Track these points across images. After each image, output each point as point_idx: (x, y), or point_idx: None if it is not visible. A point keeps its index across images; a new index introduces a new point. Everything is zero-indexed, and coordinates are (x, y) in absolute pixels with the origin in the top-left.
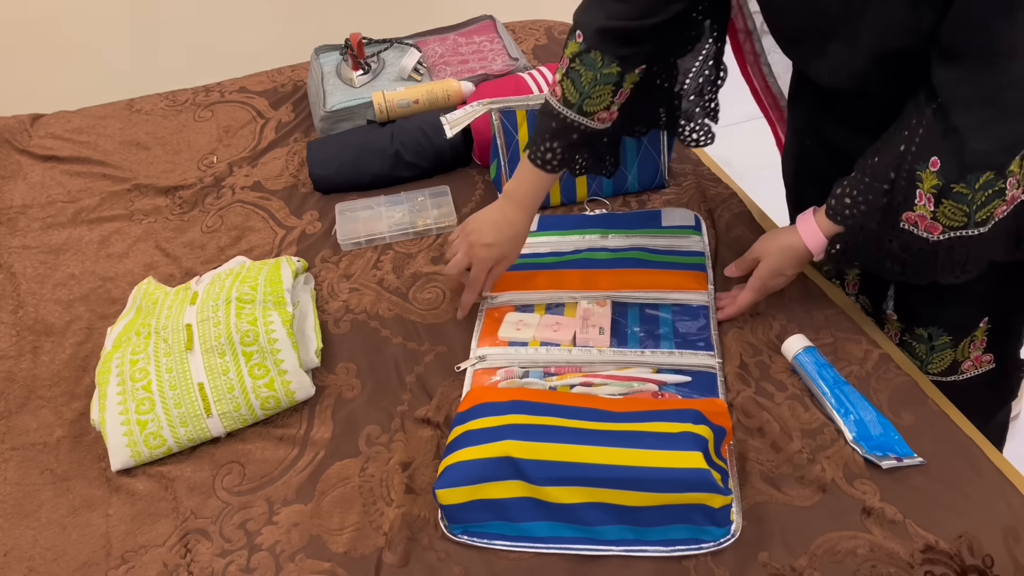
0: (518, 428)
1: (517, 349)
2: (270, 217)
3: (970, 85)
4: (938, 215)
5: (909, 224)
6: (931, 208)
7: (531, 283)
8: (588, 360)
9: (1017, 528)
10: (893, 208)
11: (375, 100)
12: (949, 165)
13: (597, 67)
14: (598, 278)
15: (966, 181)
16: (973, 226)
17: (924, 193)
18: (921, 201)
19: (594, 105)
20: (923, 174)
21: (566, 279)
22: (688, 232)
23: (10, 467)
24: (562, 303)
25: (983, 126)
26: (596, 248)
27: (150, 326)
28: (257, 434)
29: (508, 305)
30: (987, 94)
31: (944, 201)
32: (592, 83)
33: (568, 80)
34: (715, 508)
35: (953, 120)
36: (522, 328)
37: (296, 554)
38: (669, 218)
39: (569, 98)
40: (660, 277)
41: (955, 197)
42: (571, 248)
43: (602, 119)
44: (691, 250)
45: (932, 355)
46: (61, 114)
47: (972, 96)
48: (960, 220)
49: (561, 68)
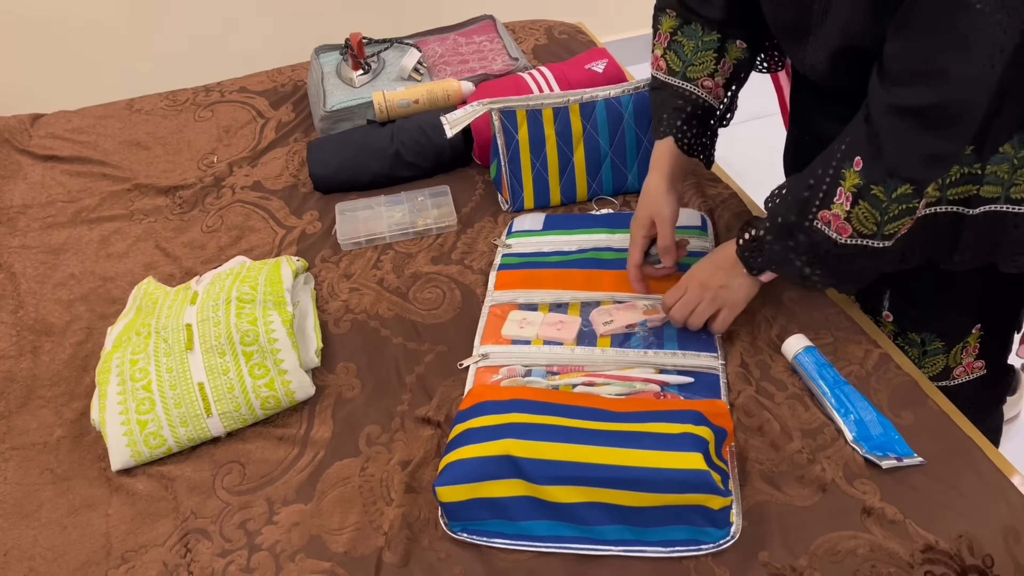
0: (519, 427)
1: (520, 347)
2: (270, 217)
3: (893, 94)
4: (851, 216)
5: (822, 223)
6: (847, 207)
7: (535, 282)
8: (591, 359)
9: (1017, 528)
10: (812, 203)
11: (375, 100)
12: (871, 166)
13: (698, 35)
14: (602, 279)
15: (884, 184)
16: (879, 238)
17: (844, 191)
18: (840, 199)
19: (696, 72)
20: (847, 172)
21: (570, 279)
22: (694, 232)
23: (10, 467)
24: (565, 302)
25: (905, 136)
26: (601, 248)
27: (150, 326)
28: (257, 434)
29: (512, 303)
30: (913, 107)
31: (860, 202)
32: (694, 51)
33: (671, 52)
34: (714, 509)
35: (875, 125)
36: (525, 326)
37: (296, 554)
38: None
39: (673, 67)
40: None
41: (871, 200)
42: (576, 247)
43: (707, 87)
44: (698, 250)
45: (924, 360)
46: (61, 114)
47: (896, 105)
48: (870, 228)
49: (660, 43)
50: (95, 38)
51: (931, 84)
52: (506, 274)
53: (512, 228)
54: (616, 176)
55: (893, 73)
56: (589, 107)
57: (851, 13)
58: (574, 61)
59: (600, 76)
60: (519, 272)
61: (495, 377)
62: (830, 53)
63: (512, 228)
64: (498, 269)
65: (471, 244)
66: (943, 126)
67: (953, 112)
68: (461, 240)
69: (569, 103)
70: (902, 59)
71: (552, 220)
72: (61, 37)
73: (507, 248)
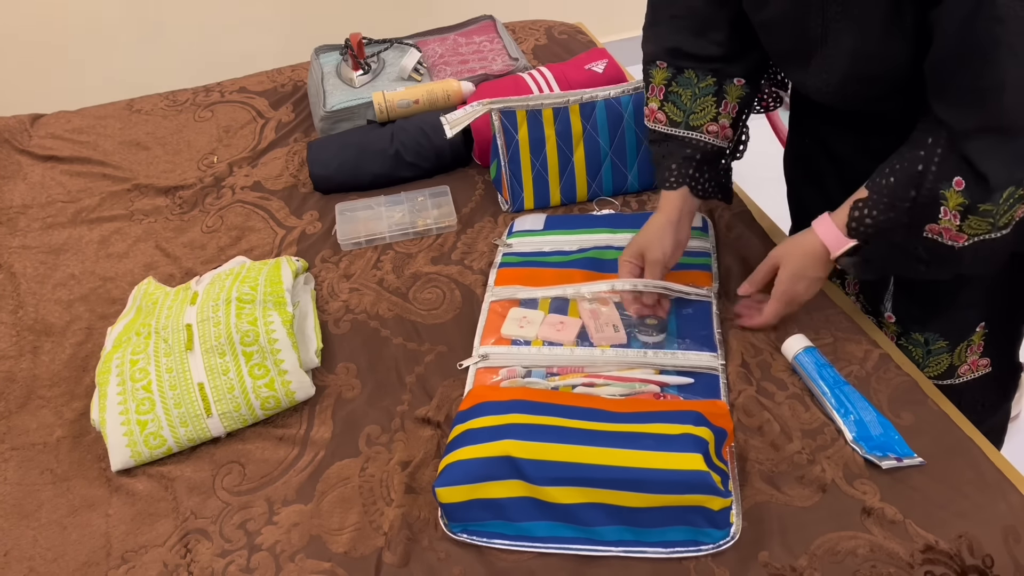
0: (518, 427)
1: (520, 348)
2: (270, 217)
3: (966, 118)
4: (964, 227)
5: (933, 234)
6: (957, 223)
7: (536, 279)
8: (591, 359)
9: (1017, 528)
10: (916, 223)
11: (375, 100)
12: (975, 189)
13: (694, 83)
14: (602, 278)
15: (992, 200)
16: (996, 230)
17: (949, 210)
18: (946, 216)
19: (699, 119)
20: (947, 193)
21: (571, 278)
22: (695, 233)
23: (10, 467)
24: (566, 299)
25: (991, 151)
26: (602, 247)
27: (150, 326)
28: (257, 434)
29: (512, 299)
30: (984, 124)
31: (970, 217)
32: (692, 98)
33: (670, 103)
34: (714, 510)
35: (962, 148)
36: (525, 325)
37: (296, 554)
38: None
39: (674, 119)
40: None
41: (981, 214)
42: (576, 247)
43: (712, 131)
44: (698, 250)
45: (928, 359)
46: (61, 114)
47: (971, 127)
48: (985, 229)
49: (655, 96)
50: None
51: (994, 99)
52: (507, 271)
53: (513, 228)
54: (616, 176)
55: (954, 98)
56: (589, 107)
57: (856, 39)
58: (574, 61)
59: (600, 76)
60: (520, 270)
61: (495, 378)
62: (840, 78)
63: (513, 228)
64: (499, 267)
65: (471, 244)
66: (1020, 127)
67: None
68: (461, 240)
69: (569, 103)
70: (957, 85)
71: (553, 220)
72: (61, 37)
73: (508, 247)
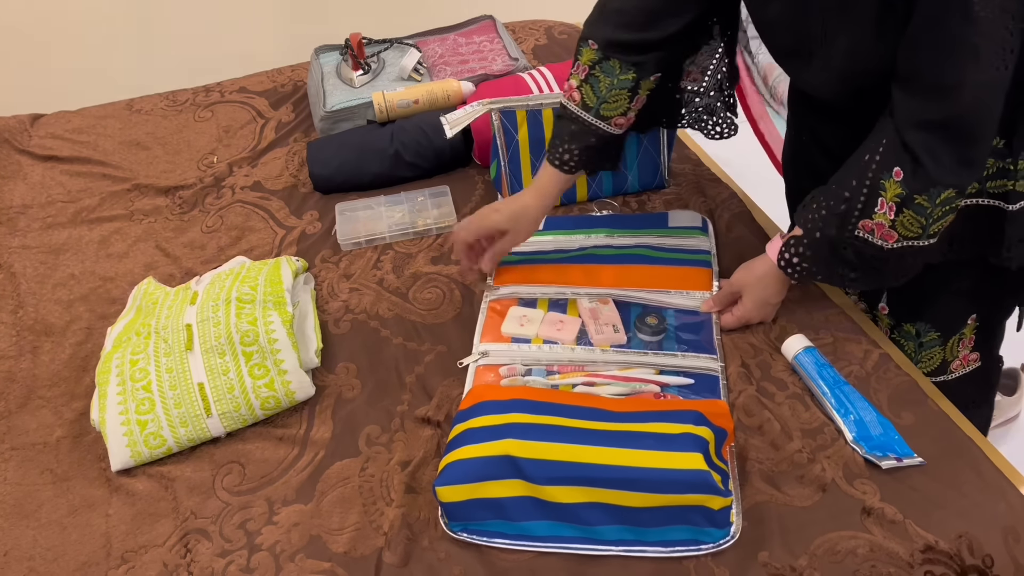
0: (519, 427)
1: (520, 346)
2: (270, 217)
3: (919, 110)
4: (896, 224)
5: (865, 231)
6: (891, 216)
7: (535, 276)
8: (591, 359)
9: (1017, 528)
10: (851, 214)
11: (375, 100)
12: (912, 178)
13: (615, 73)
14: (601, 273)
15: (928, 193)
16: (925, 238)
17: (887, 201)
18: (882, 209)
19: (611, 110)
20: (887, 183)
21: (569, 274)
22: (695, 233)
23: (10, 467)
24: (565, 299)
25: (936, 147)
26: (601, 245)
27: (150, 326)
28: (257, 434)
29: (512, 297)
30: (935, 119)
31: (904, 211)
32: (609, 88)
33: (587, 86)
34: (714, 509)
35: (908, 138)
36: (525, 324)
37: (296, 554)
38: (676, 219)
39: (587, 102)
40: (665, 273)
41: (916, 208)
42: (576, 246)
43: (619, 124)
44: (697, 248)
45: (921, 353)
46: (61, 114)
47: (922, 119)
48: (915, 231)
49: (578, 74)
50: (95, 38)
51: (949, 96)
52: (505, 269)
53: None
54: (616, 176)
55: (911, 89)
56: None
57: (851, 39)
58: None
59: None
60: (518, 267)
61: (495, 377)
62: (838, 75)
63: None
64: (498, 265)
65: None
66: (968, 132)
67: (973, 118)
68: None
69: None
70: (917, 76)
71: (553, 221)
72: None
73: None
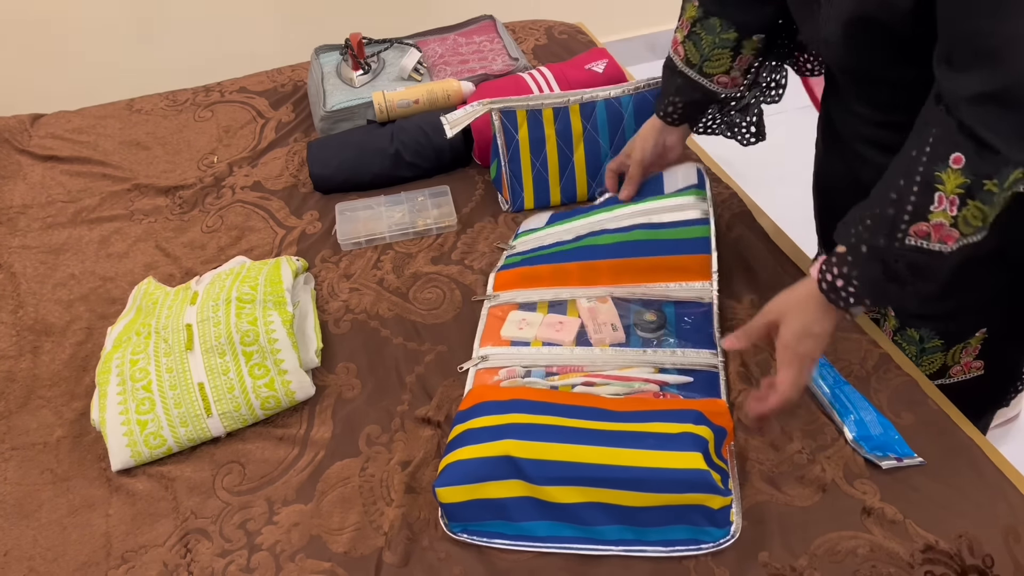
0: (518, 427)
1: (519, 349)
2: (270, 217)
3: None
4: (959, 220)
5: (919, 238)
6: (952, 212)
7: (533, 280)
8: (590, 359)
9: (1017, 528)
10: (900, 219)
11: (375, 100)
12: (979, 160)
13: (716, 31)
14: (599, 271)
15: (999, 175)
16: (982, 231)
17: (946, 196)
18: (941, 206)
19: (713, 68)
20: (943, 175)
21: (568, 274)
22: (691, 193)
23: (10, 467)
24: (564, 301)
25: (998, 120)
26: (597, 232)
27: (150, 326)
28: (257, 434)
29: (511, 303)
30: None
31: (970, 202)
32: (711, 46)
33: (690, 42)
34: (714, 509)
35: (963, 117)
36: (525, 327)
37: (296, 554)
38: (672, 180)
39: (691, 58)
40: (663, 264)
41: (984, 197)
42: (573, 235)
43: (722, 83)
44: (695, 218)
45: (922, 357)
46: (61, 114)
47: (974, 94)
48: (977, 224)
49: (682, 29)
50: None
51: (998, 63)
52: (505, 274)
53: (520, 231)
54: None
55: (957, 63)
56: (589, 107)
57: None
58: (574, 61)
59: (600, 76)
60: (517, 271)
61: (495, 378)
62: (843, 24)
63: (520, 231)
64: (498, 270)
65: (471, 244)
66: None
67: None
68: (461, 240)
69: (569, 103)
70: (963, 44)
71: (556, 216)
72: (61, 37)
73: (512, 249)
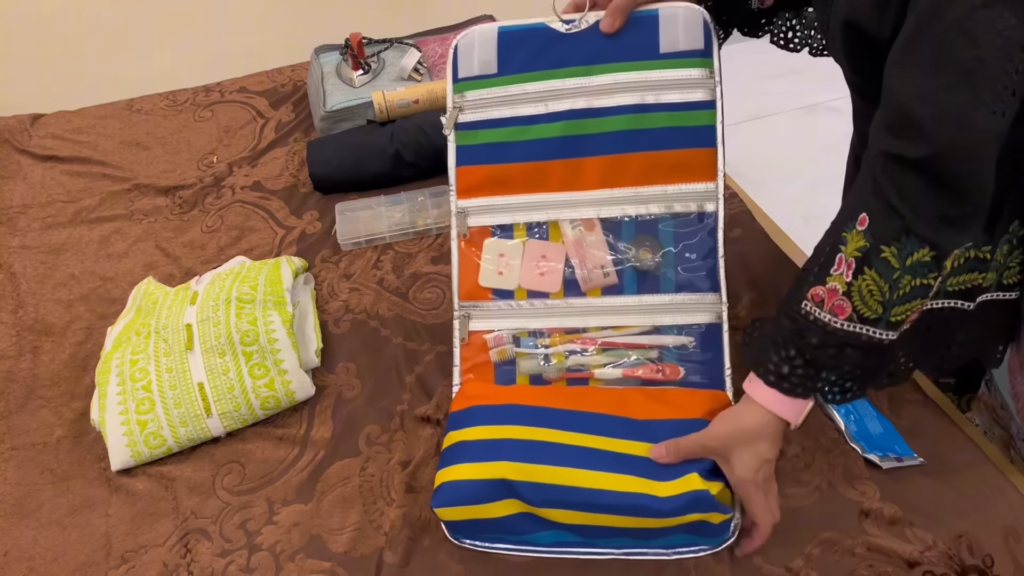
0: (513, 445)
1: (503, 303)
2: (270, 217)
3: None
4: (852, 290)
5: (814, 303)
6: (847, 278)
7: (506, 185)
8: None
9: (1017, 528)
10: (806, 279)
11: (375, 100)
12: (881, 222)
13: None
14: (585, 171)
15: (899, 245)
16: (883, 325)
17: (845, 258)
18: (839, 269)
19: None
20: (849, 234)
21: (547, 174)
22: (695, 61)
23: (10, 467)
24: (545, 223)
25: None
26: (579, 112)
27: (150, 326)
28: (257, 434)
29: (483, 211)
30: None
31: (866, 271)
32: None
33: None
34: (715, 524)
35: (876, 174)
36: (505, 271)
37: (296, 554)
38: (670, 34)
39: None
40: (659, 160)
41: (880, 266)
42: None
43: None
44: (699, 100)
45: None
46: (61, 114)
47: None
48: (874, 308)
49: None
50: (95, 38)
51: (930, 130)
52: (468, 171)
53: (457, 75)
54: None
55: (889, 114)
56: None
57: None
58: None
59: None
60: (485, 170)
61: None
62: (840, 23)
63: (457, 75)
64: (457, 164)
65: None
66: (951, 183)
67: (959, 168)
68: None
69: None
70: (896, 97)
71: (507, 55)
72: (61, 37)
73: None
